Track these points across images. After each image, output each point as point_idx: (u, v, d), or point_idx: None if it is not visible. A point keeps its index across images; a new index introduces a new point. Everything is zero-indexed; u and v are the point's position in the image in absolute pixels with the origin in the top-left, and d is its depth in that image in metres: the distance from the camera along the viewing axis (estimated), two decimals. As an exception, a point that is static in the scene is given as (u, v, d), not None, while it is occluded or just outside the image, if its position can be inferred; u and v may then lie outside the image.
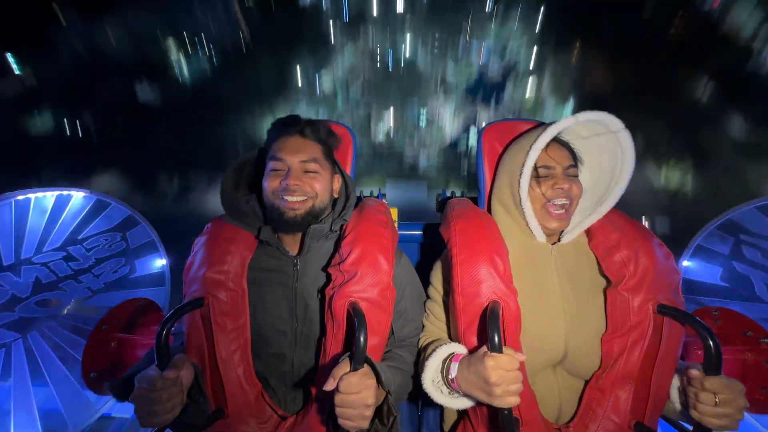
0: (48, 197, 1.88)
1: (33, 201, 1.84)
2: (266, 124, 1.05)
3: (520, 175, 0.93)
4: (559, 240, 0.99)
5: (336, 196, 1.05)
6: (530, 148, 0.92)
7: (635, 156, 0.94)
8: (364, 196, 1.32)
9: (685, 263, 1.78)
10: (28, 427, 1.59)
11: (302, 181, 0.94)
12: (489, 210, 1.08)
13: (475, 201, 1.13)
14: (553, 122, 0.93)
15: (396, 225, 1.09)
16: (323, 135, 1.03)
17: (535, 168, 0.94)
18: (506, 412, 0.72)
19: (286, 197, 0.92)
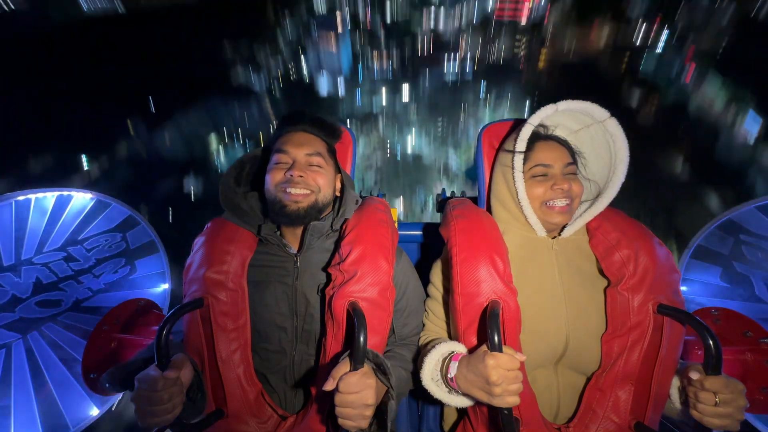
0: (48, 198, 1.88)
1: (33, 201, 1.84)
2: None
3: (513, 169, 0.94)
4: (559, 234, 0.99)
5: (338, 194, 1.05)
6: (516, 140, 0.93)
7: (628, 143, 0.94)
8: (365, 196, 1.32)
9: (685, 263, 1.78)
10: (28, 427, 1.59)
11: (306, 174, 0.94)
12: (489, 209, 1.08)
13: (475, 201, 1.13)
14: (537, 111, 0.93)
15: (396, 225, 1.09)
16: (328, 132, 1.03)
17: (533, 167, 0.94)
18: (506, 411, 0.72)
19: (289, 189, 0.92)
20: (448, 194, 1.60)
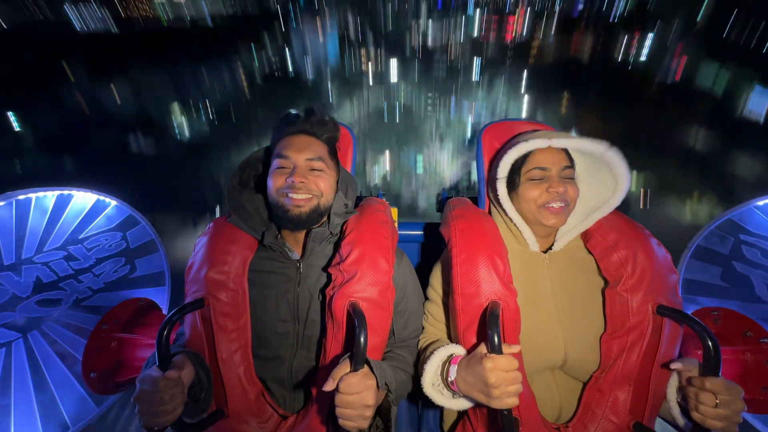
0: (49, 197, 1.87)
1: (34, 201, 1.83)
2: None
3: (497, 192, 0.94)
4: (551, 248, 0.98)
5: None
6: (499, 165, 0.94)
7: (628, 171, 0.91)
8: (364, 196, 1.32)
9: (685, 263, 1.77)
10: (28, 426, 1.59)
11: (308, 179, 0.93)
12: (489, 210, 1.08)
13: (475, 201, 1.13)
14: (532, 135, 0.93)
15: (396, 225, 1.08)
16: (328, 134, 1.02)
17: (531, 170, 0.93)
18: (506, 412, 0.72)
19: (291, 195, 0.91)
20: (447, 194, 1.60)
